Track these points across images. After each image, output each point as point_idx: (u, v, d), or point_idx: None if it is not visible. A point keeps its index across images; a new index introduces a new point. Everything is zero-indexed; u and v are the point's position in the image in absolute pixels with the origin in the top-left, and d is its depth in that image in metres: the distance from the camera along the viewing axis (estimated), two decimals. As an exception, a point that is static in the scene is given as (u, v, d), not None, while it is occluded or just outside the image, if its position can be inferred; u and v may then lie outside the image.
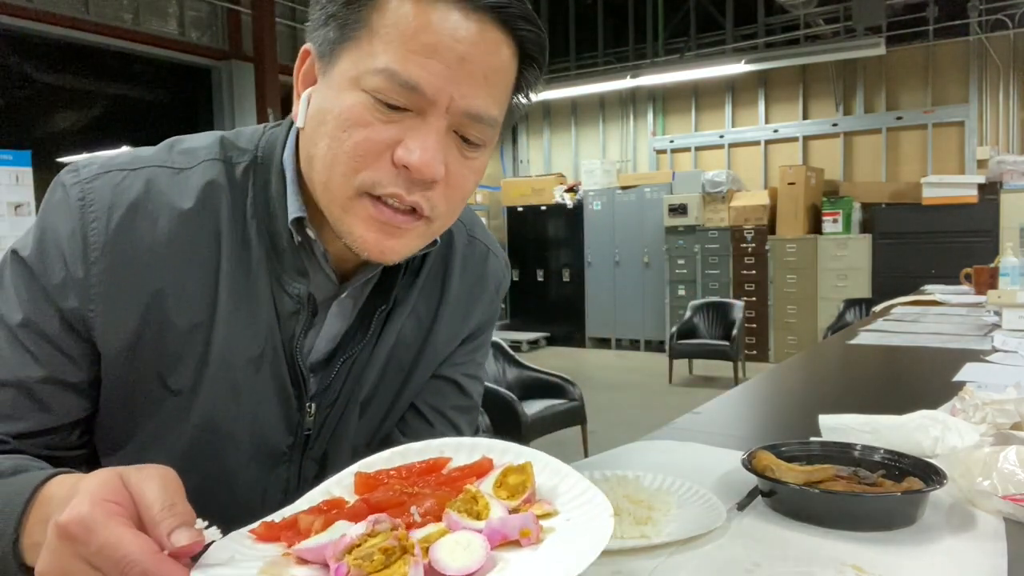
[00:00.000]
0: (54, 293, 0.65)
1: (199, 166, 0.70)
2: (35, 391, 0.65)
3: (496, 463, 0.60)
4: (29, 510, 0.54)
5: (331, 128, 0.63)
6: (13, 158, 4.57)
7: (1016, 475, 0.80)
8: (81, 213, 0.65)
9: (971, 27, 6.83)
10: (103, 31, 5.16)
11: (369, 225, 0.65)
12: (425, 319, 0.81)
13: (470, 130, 0.64)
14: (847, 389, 1.69)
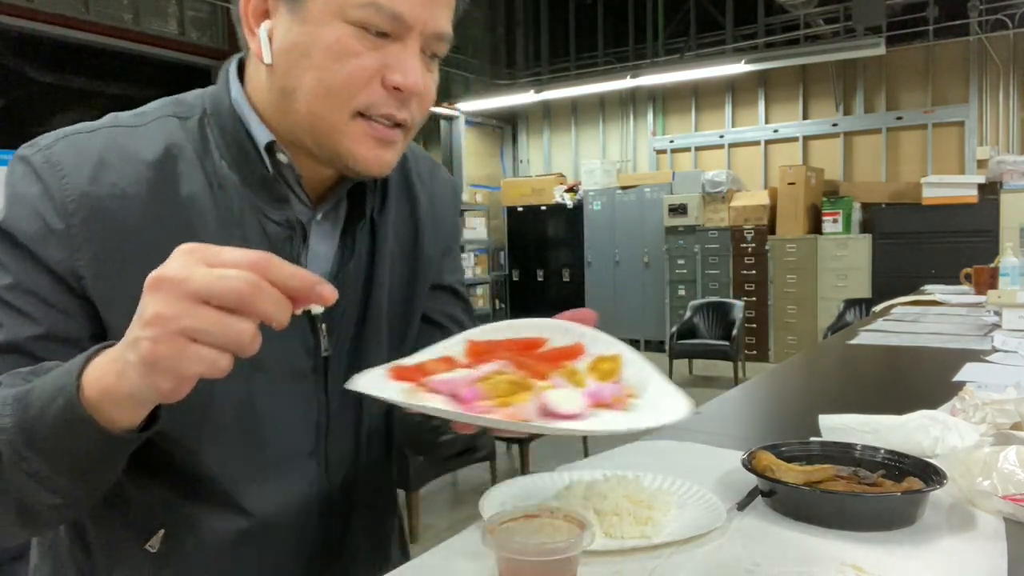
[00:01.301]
0: (38, 250, 0.66)
1: (152, 123, 0.74)
2: (35, 350, 0.66)
3: (588, 350, 0.68)
4: (89, 362, 0.55)
5: (320, 60, 0.67)
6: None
7: (1016, 475, 0.80)
8: (50, 173, 0.67)
9: (971, 27, 6.83)
10: (103, 31, 5.16)
11: (367, 143, 0.70)
12: (408, 230, 0.87)
13: (435, 47, 0.73)
14: (847, 389, 1.69)
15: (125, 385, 0.52)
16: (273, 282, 0.50)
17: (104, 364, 0.54)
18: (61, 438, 0.55)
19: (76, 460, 0.57)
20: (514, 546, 0.60)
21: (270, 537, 0.75)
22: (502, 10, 9.08)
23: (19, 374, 0.61)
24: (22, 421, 0.56)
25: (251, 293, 0.49)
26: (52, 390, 0.55)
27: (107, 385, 0.53)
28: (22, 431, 0.56)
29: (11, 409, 0.57)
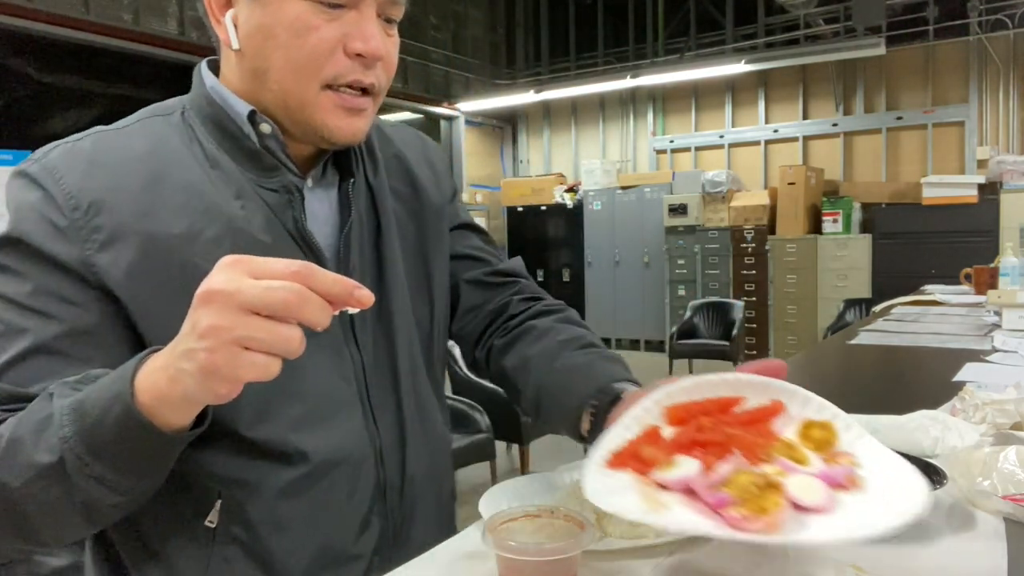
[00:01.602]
0: (48, 249, 0.69)
1: (135, 124, 0.78)
2: (61, 347, 0.68)
3: (788, 408, 0.65)
4: (138, 369, 0.59)
5: (284, 39, 0.71)
6: (13, 158, 4.57)
7: (1016, 475, 0.80)
8: (47, 178, 0.71)
9: (971, 27, 6.83)
10: (103, 31, 5.16)
11: (337, 113, 0.74)
12: (406, 186, 0.91)
13: (391, 11, 0.76)
14: (847, 389, 1.69)
15: (179, 390, 0.56)
16: (315, 289, 0.54)
17: (154, 371, 0.58)
18: (121, 442, 0.59)
19: (136, 461, 0.61)
20: (514, 546, 0.60)
21: (324, 486, 0.77)
22: (502, 10, 9.08)
23: (67, 384, 0.64)
24: (81, 429, 0.59)
25: (296, 302, 0.53)
26: (108, 398, 0.59)
27: (160, 391, 0.57)
28: (83, 439, 0.59)
29: (69, 419, 0.60)
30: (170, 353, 0.57)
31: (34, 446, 0.60)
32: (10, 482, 0.61)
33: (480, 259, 0.99)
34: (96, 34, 5.15)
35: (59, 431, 0.60)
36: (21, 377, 0.67)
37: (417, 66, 7.50)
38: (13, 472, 0.61)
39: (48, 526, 0.64)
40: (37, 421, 0.61)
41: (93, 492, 0.61)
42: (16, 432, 0.62)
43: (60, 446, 0.60)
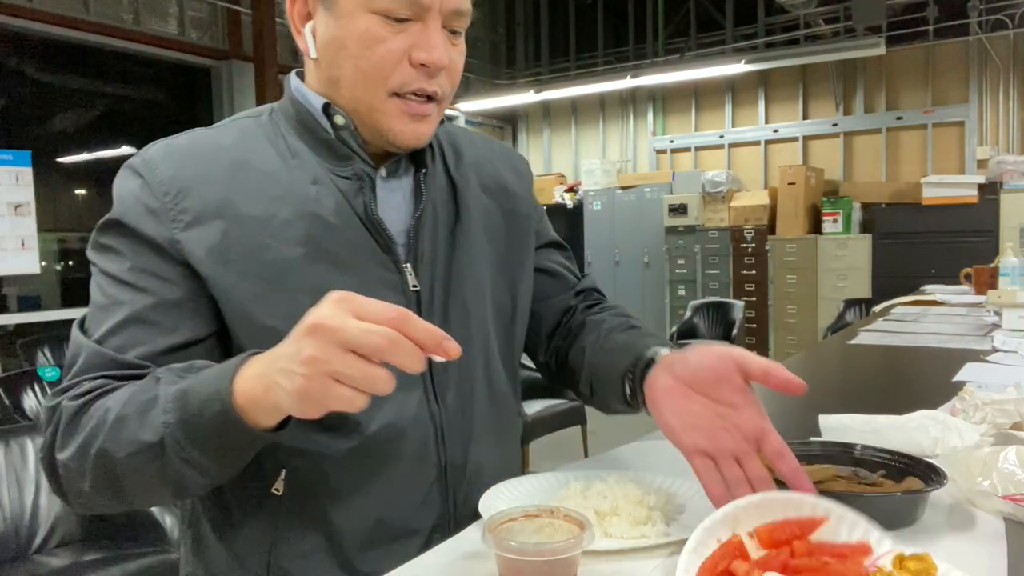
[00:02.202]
0: (141, 228, 0.77)
1: (229, 123, 0.87)
2: (152, 318, 0.76)
3: (874, 548, 0.63)
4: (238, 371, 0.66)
5: (354, 50, 0.77)
6: (13, 158, 4.56)
7: (1016, 475, 0.80)
8: (145, 168, 0.79)
9: (971, 27, 6.83)
10: (103, 31, 5.15)
11: (403, 119, 0.80)
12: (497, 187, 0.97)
13: (455, 23, 0.81)
14: (847, 389, 1.69)
15: (272, 399, 0.63)
16: (408, 335, 0.59)
17: (252, 378, 0.65)
18: (216, 435, 0.67)
19: (226, 451, 0.69)
20: (514, 546, 0.60)
21: (381, 459, 0.81)
22: (502, 10, 9.08)
23: (173, 371, 0.72)
24: (182, 418, 0.67)
25: (390, 348, 0.58)
26: (209, 393, 0.66)
27: (255, 396, 0.64)
28: (182, 426, 0.67)
29: (173, 407, 0.67)
30: (269, 364, 0.63)
31: (139, 425, 0.68)
32: (115, 453, 0.68)
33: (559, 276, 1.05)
34: (96, 34, 5.15)
35: (163, 416, 0.67)
36: (120, 343, 0.75)
37: (417, 66, 7.51)
38: (118, 445, 0.68)
39: (140, 493, 0.72)
40: (143, 402, 0.69)
41: (184, 472, 0.68)
42: (124, 409, 0.69)
43: (162, 430, 0.67)
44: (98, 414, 0.70)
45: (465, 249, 0.90)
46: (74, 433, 0.71)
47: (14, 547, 2.05)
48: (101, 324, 0.76)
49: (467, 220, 0.91)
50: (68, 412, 0.71)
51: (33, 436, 2.18)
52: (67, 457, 0.71)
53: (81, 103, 5.72)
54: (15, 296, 5.13)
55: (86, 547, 2.11)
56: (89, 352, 0.75)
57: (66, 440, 0.71)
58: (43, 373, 3.39)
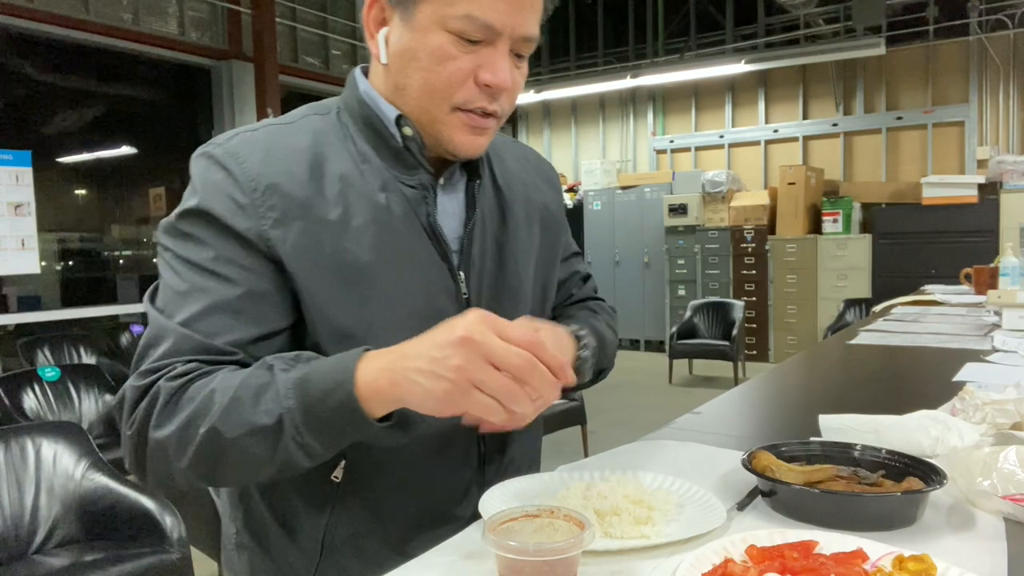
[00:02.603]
0: (231, 223, 0.79)
1: (300, 121, 0.88)
2: (240, 307, 0.79)
3: (869, 553, 0.64)
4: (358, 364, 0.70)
5: (425, 63, 0.81)
6: (13, 158, 4.56)
7: (1016, 475, 0.80)
8: (230, 161, 0.81)
9: (971, 27, 6.83)
10: (103, 31, 5.15)
11: (464, 130, 0.84)
12: (539, 196, 1.02)
13: (522, 48, 0.83)
14: (847, 389, 1.69)
15: (398, 393, 0.68)
16: (541, 360, 0.65)
17: (375, 371, 0.69)
18: (334, 423, 0.70)
19: (339, 437, 0.73)
20: (514, 546, 0.60)
21: (429, 452, 0.87)
22: (502, 10, 9.08)
23: (283, 359, 0.75)
24: (303, 404, 0.70)
25: (529, 370, 0.65)
26: (330, 383, 0.70)
27: (379, 389, 0.69)
28: (302, 412, 0.70)
29: (293, 393, 0.71)
30: (400, 362, 0.68)
31: (253, 408, 0.71)
32: (226, 433, 0.71)
33: (565, 286, 1.11)
34: (96, 34, 5.15)
35: (283, 402, 0.70)
36: (207, 329, 0.77)
37: (417, 66, 7.51)
38: (229, 425, 0.71)
39: (240, 471, 0.75)
40: (257, 386, 0.72)
41: (294, 455, 0.72)
42: (237, 392, 0.72)
43: (281, 414, 0.70)
44: (201, 395, 0.73)
45: (509, 258, 0.95)
46: (175, 412, 0.73)
47: (14, 547, 2.06)
48: (182, 309, 0.78)
49: (512, 229, 0.96)
50: (167, 392, 0.74)
51: (33, 436, 2.18)
52: (165, 435, 0.73)
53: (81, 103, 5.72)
54: (15, 296, 5.13)
55: (86, 547, 2.11)
56: (178, 336, 0.77)
57: (165, 419, 0.73)
58: (43, 373, 3.39)
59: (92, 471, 2.20)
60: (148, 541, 2.09)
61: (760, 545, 0.66)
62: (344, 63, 6.90)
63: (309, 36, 6.60)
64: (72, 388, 3.46)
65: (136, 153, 6.22)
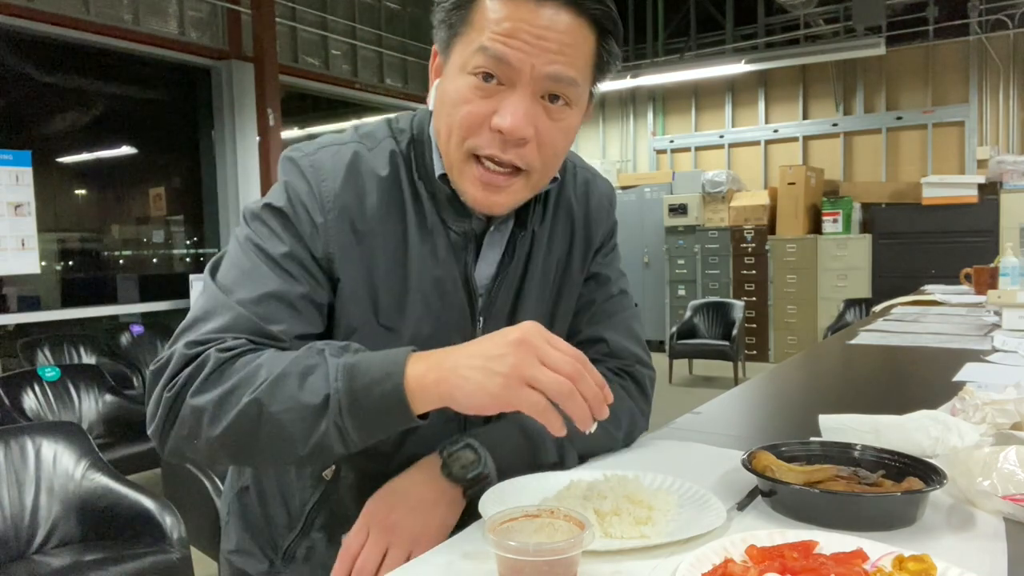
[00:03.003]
0: (307, 238, 0.84)
1: (383, 142, 0.90)
2: (297, 304, 0.83)
3: (869, 552, 0.65)
4: (407, 360, 0.72)
5: (448, 107, 0.82)
6: (13, 158, 4.56)
7: (1016, 475, 0.80)
8: (314, 176, 0.85)
9: (971, 27, 6.83)
10: (103, 31, 5.15)
11: (476, 184, 0.83)
12: (564, 243, 1.00)
13: (553, 88, 0.80)
14: (847, 389, 1.69)
15: (444, 390, 0.70)
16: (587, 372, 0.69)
17: (424, 369, 0.72)
18: (378, 412, 0.72)
19: (377, 427, 0.74)
20: (514, 546, 0.60)
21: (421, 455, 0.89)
22: (502, 10, 9.08)
23: (334, 345, 0.77)
24: (350, 388, 0.72)
25: (578, 376, 0.68)
26: (380, 373, 0.72)
27: (426, 385, 0.71)
28: (349, 395, 0.72)
29: (342, 375, 0.73)
30: (448, 360, 0.71)
31: (300, 385, 0.73)
32: (268, 406, 0.73)
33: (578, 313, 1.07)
34: (96, 34, 5.15)
35: (332, 383, 0.72)
36: (264, 313, 0.81)
37: (417, 66, 7.50)
38: (274, 399, 0.73)
39: (270, 449, 0.75)
40: (307, 366, 0.74)
41: (331, 438, 0.73)
42: (287, 368, 0.74)
43: (327, 395, 0.72)
44: (247, 368, 0.75)
45: (524, 305, 0.96)
46: (220, 382, 0.75)
47: (14, 547, 2.06)
48: (243, 288, 0.81)
49: (531, 279, 0.97)
50: (216, 361, 0.76)
51: (33, 436, 2.18)
52: (204, 401, 0.75)
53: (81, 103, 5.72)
54: (15, 296, 5.13)
55: (86, 547, 2.11)
56: (234, 313, 0.80)
57: (208, 386, 0.75)
58: (43, 373, 3.39)
59: (92, 471, 2.20)
60: (148, 541, 2.09)
61: (760, 545, 0.66)
62: (344, 63, 6.90)
63: (309, 36, 6.60)
64: (72, 388, 3.46)
65: (136, 153, 6.22)
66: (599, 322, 1.05)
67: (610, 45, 0.83)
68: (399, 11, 7.40)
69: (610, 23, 0.82)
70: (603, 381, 0.70)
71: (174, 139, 6.34)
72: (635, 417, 1.04)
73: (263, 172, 5.92)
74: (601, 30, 0.81)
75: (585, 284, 1.06)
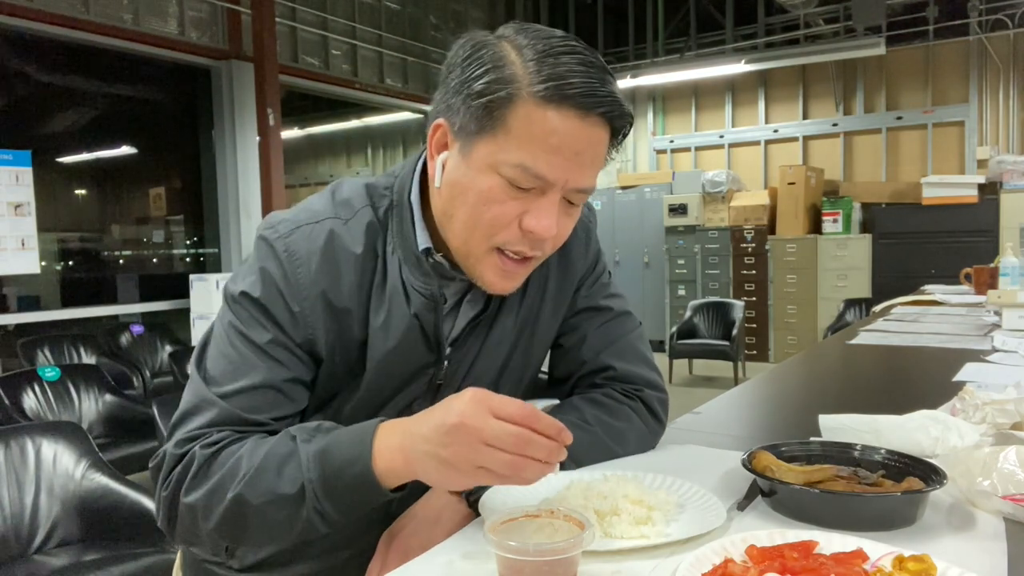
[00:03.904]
0: (286, 325, 0.86)
1: (358, 215, 0.90)
2: (284, 389, 0.85)
3: (869, 553, 0.65)
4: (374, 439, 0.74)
5: (472, 202, 0.81)
6: (13, 158, 4.56)
7: (1016, 475, 0.80)
8: (289, 262, 0.86)
9: (971, 27, 6.83)
10: (103, 31, 5.15)
11: (496, 273, 0.86)
12: (538, 282, 1.00)
13: (575, 198, 0.83)
14: (847, 389, 1.70)
15: (413, 470, 0.72)
16: (536, 430, 0.67)
17: (391, 450, 0.74)
18: (352, 494, 0.75)
19: (354, 508, 0.77)
20: (514, 546, 0.60)
21: None
22: (502, 10, 9.08)
23: (306, 429, 0.80)
24: (323, 475, 0.75)
25: (524, 443, 0.67)
26: (349, 457, 0.75)
27: (395, 466, 0.73)
28: (322, 483, 0.75)
29: (314, 464, 0.75)
30: (411, 442, 0.72)
31: (277, 476, 0.76)
32: (251, 500, 0.76)
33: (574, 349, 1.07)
34: (96, 34, 5.15)
35: (305, 472, 0.75)
36: (250, 404, 0.83)
37: (417, 66, 7.49)
38: (255, 492, 0.76)
39: (261, 535, 0.80)
40: (281, 456, 0.77)
41: (313, 522, 0.77)
42: (263, 462, 0.77)
43: (302, 484, 0.75)
44: (229, 462, 0.78)
45: (490, 345, 0.97)
46: (206, 479, 0.79)
47: (14, 547, 2.05)
48: (231, 380, 0.84)
49: (498, 328, 0.97)
50: (200, 459, 0.79)
51: (33, 436, 2.18)
52: (194, 499, 0.79)
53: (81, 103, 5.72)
54: (15, 296, 5.13)
55: (86, 547, 2.11)
56: (219, 410, 0.82)
57: (196, 484, 0.79)
58: (43, 373, 3.39)
59: (92, 471, 2.20)
60: (148, 541, 2.09)
61: (760, 545, 0.66)
62: (344, 63, 6.90)
63: (309, 36, 6.60)
64: (72, 388, 3.46)
65: (136, 153, 6.22)
66: (603, 349, 1.05)
67: (617, 142, 0.84)
68: (399, 11, 7.39)
69: (628, 128, 0.83)
70: (559, 426, 0.69)
71: (174, 139, 6.34)
72: (644, 438, 1.03)
73: (263, 172, 5.92)
74: (614, 132, 0.82)
75: (579, 316, 1.07)
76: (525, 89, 0.76)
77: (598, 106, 0.77)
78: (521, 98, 0.76)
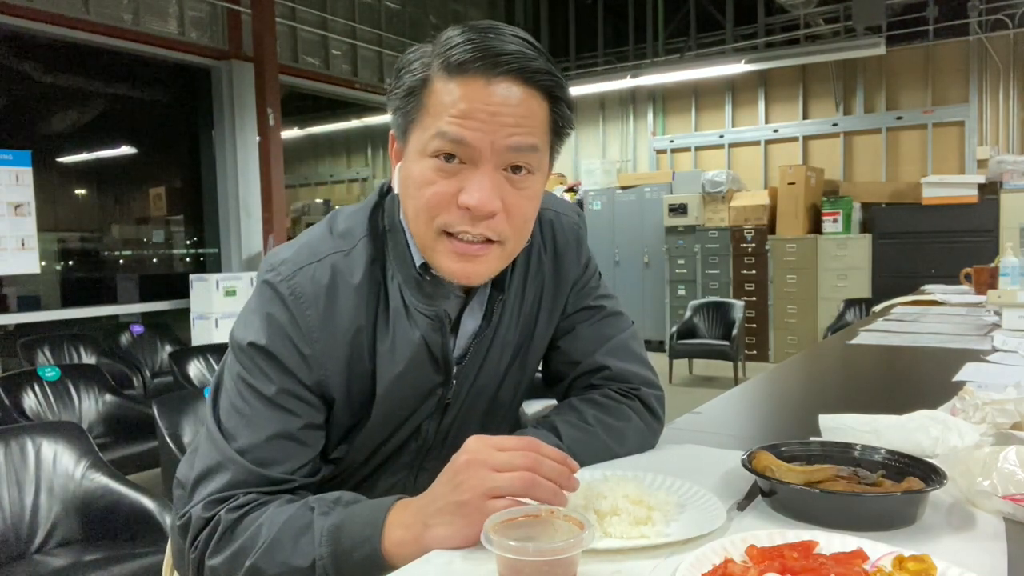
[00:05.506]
0: (296, 370, 0.86)
1: (358, 246, 0.91)
2: (298, 436, 0.86)
3: (869, 553, 0.65)
4: (387, 518, 0.76)
5: (412, 190, 0.83)
6: (13, 158, 4.57)
7: (1016, 475, 0.80)
8: (296, 305, 0.86)
9: (971, 27, 6.83)
10: (103, 31, 5.15)
11: (451, 257, 0.84)
12: (534, 291, 1.01)
13: (516, 159, 0.81)
14: (847, 389, 1.70)
15: (425, 544, 0.73)
16: (541, 453, 0.71)
17: (403, 527, 0.75)
18: (361, 572, 0.75)
19: None
20: (514, 546, 0.60)
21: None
22: (502, 10, 9.08)
23: (325, 500, 0.81)
24: (334, 552, 0.76)
25: (534, 464, 0.70)
26: (360, 537, 0.76)
27: (405, 543, 0.74)
28: (333, 560, 0.76)
29: (327, 540, 0.77)
30: (424, 508, 0.74)
31: (292, 550, 0.77)
32: (267, 571, 0.78)
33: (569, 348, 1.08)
34: (96, 34, 5.15)
35: (318, 548, 0.76)
36: (267, 457, 0.84)
37: (417, 66, 7.51)
38: (270, 564, 0.78)
39: None
40: (297, 528, 0.78)
41: None
42: (279, 533, 0.78)
43: (315, 560, 0.76)
44: (251, 528, 0.80)
45: (490, 366, 0.98)
46: (229, 543, 0.80)
47: (14, 547, 2.05)
48: (245, 435, 0.85)
49: (499, 339, 0.98)
50: (225, 524, 0.81)
51: (33, 436, 2.18)
52: (218, 563, 0.80)
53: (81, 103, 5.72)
54: (15, 296, 5.13)
55: (86, 547, 2.11)
56: (238, 467, 0.83)
57: (220, 548, 0.81)
58: (43, 373, 3.39)
59: (92, 471, 2.20)
60: (148, 541, 2.09)
61: (760, 545, 0.66)
62: (344, 63, 6.90)
63: (309, 36, 6.60)
64: (72, 388, 3.46)
65: (136, 153, 6.22)
66: (597, 349, 1.05)
67: (562, 109, 0.85)
68: (399, 11, 7.40)
69: (559, 90, 0.83)
70: (563, 456, 0.72)
71: (174, 139, 6.34)
72: (643, 436, 1.03)
73: (263, 172, 5.92)
74: (552, 97, 0.83)
75: (572, 318, 1.07)
76: (434, 70, 0.80)
77: (500, 66, 0.78)
78: (431, 79, 0.80)
